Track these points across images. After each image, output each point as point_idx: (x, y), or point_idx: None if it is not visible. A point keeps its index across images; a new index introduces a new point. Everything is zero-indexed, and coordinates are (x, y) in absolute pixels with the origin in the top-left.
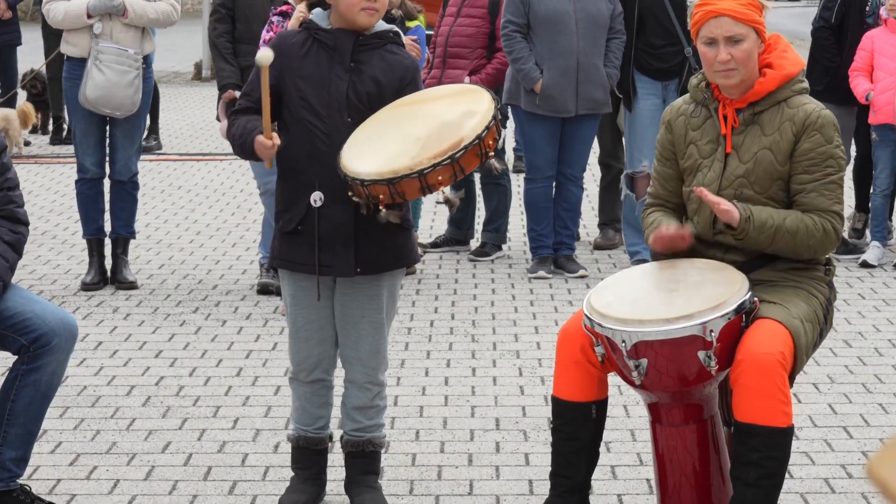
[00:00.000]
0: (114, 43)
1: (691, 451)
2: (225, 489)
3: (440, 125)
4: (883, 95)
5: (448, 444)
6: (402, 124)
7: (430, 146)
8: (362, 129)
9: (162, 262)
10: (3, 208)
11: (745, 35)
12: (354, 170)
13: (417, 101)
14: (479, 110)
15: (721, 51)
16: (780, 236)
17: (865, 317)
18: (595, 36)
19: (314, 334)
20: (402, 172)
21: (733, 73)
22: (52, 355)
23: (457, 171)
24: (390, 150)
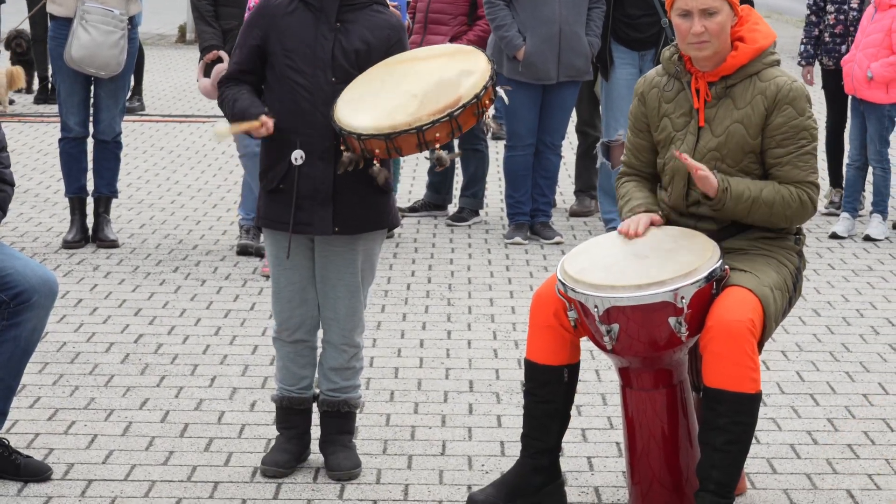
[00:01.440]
0: (99, 4)
1: (660, 416)
2: (201, 446)
3: (437, 83)
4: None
5: (422, 406)
6: (397, 81)
7: (428, 103)
8: (356, 84)
9: (143, 222)
10: None
11: (718, 8)
12: (350, 123)
13: (411, 59)
14: (477, 69)
15: (695, 23)
16: (757, 207)
17: (834, 287)
18: (577, 4)
19: (296, 295)
20: (400, 128)
21: (706, 46)
22: (31, 311)
23: (454, 128)
24: (387, 105)
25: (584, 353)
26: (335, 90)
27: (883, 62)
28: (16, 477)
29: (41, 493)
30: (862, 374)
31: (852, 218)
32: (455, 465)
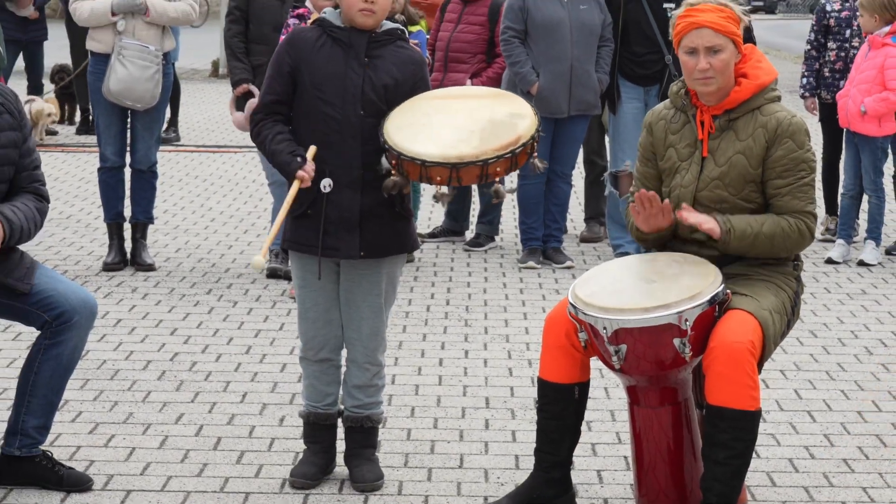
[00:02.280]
0: (136, 40)
1: (666, 432)
2: (233, 458)
3: (490, 121)
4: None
5: (441, 421)
6: (443, 116)
7: (490, 139)
8: (398, 115)
9: (178, 247)
10: (29, 186)
11: (723, 46)
12: (412, 149)
13: (448, 96)
14: (527, 114)
15: (701, 60)
16: (760, 242)
17: (830, 309)
18: (588, 43)
19: (321, 315)
20: (467, 159)
21: (711, 81)
22: (73, 331)
23: (512, 164)
24: (449, 137)
25: (593, 371)
26: (364, 123)
27: (876, 97)
28: (59, 487)
29: (82, 502)
30: (856, 393)
31: (847, 244)
32: (472, 477)
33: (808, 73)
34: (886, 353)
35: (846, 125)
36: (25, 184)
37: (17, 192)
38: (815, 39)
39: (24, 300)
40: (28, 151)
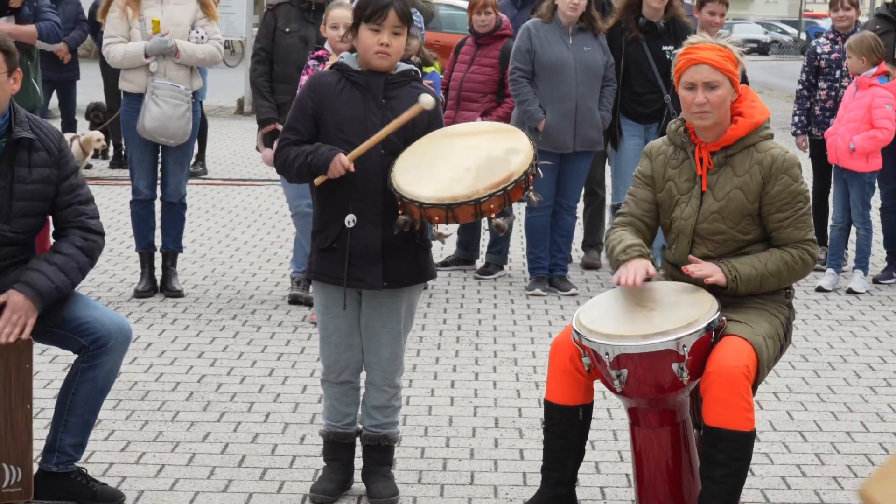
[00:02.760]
0: (167, 80)
1: (665, 451)
2: (257, 475)
3: (487, 158)
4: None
5: (453, 440)
6: (448, 154)
7: (482, 178)
8: (407, 155)
9: (206, 274)
10: (75, 220)
11: (720, 82)
12: (412, 192)
13: (454, 134)
14: (522, 149)
15: (699, 94)
16: (766, 280)
17: (820, 335)
18: (592, 83)
19: (343, 340)
20: (460, 199)
21: (708, 116)
22: (108, 355)
23: (506, 201)
24: (445, 178)
25: (596, 394)
26: (384, 161)
27: (864, 135)
28: (92, 502)
29: None
30: (846, 414)
31: (836, 273)
32: (482, 493)
33: (800, 111)
34: (874, 376)
35: (835, 161)
36: (71, 218)
37: (63, 227)
38: (806, 80)
39: (62, 326)
40: (71, 188)
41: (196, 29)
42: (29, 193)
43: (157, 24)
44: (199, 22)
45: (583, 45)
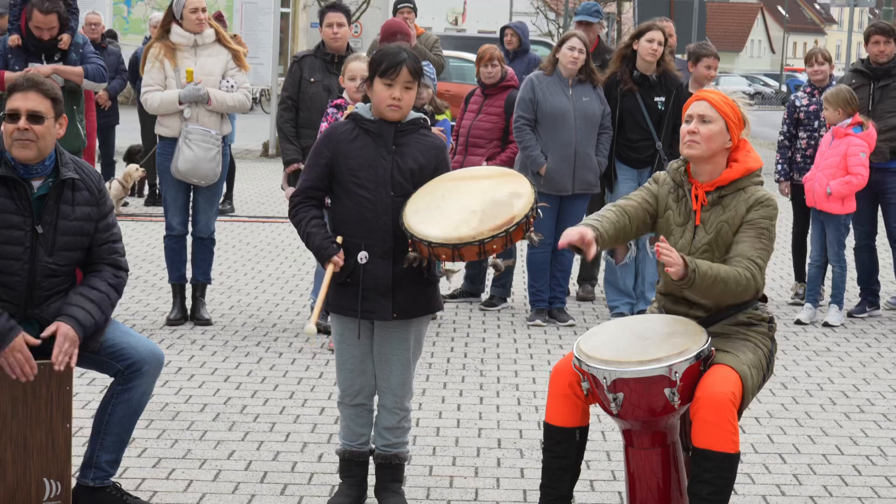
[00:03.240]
0: (200, 125)
1: (656, 471)
2: (277, 490)
3: (492, 202)
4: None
5: (458, 459)
6: (456, 197)
7: (487, 220)
8: (418, 197)
9: (232, 304)
10: (108, 257)
11: (714, 119)
12: (422, 231)
13: (462, 178)
14: (524, 193)
15: (692, 124)
16: (717, 283)
17: (799, 364)
18: (589, 131)
19: (357, 367)
20: (465, 240)
21: (695, 146)
22: (142, 378)
23: (508, 241)
24: (452, 219)
25: (592, 417)
26: (394, 202)
27: (840, 181)
28: None
29: None
30: (821, 438)
31: (814, 307)
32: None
33: (782, 160)
34: (848, 403)
35: (812, 204)
36: (105, 255)
37: (96, 262)
38: (787, 131)
39: (100, 352)
40: (107, 227)
41: (227, 78)
42: (72, 229)
43: (190, 73)
44: (230, 72)
45: (582, 96)
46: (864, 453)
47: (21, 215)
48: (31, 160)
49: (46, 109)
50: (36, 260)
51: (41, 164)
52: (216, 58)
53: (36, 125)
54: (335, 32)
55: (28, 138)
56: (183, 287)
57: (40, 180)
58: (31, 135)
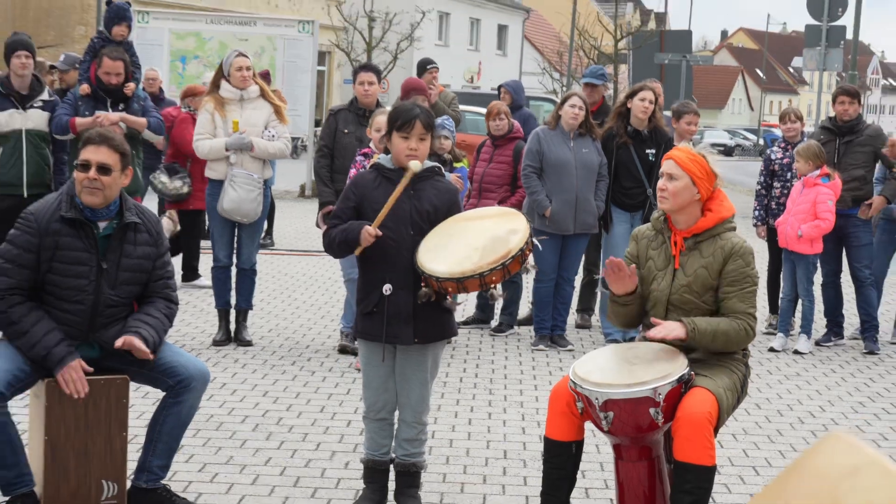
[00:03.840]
0: (244, 170)
1: (643, 481)
2: (308, 494)
3: (492, 238)
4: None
5: (469, 468)
6: (461, 236)
7: (487, 255)
8: (431, 237)
9: (271, 328)
10: (162, 291)
11: (679, 177)
12: (431, 268)
13: (469, 218)
14: (520, 229)
15: (662, 181)
16: (717, 337)
17: (772, 388)
18: (589, 178)
19: (381, 385)
20: (467, 274)
21: (664, 200)
22: (190, 393)
23: (506, 273)
24: (457, 256)
25: (587, 432)
26: (413, 240)
27: (810, 225)
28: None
29: None
30: (791, 453)
31: (785, 336)
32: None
33: (759, 207)
34: (815, 422)
35: (785, 245)
36: (159, 289)
37: (151, 294)
38: (763, 181)
39: (154, 369)
40: (163, 264)
41: (268, 129)
42: (133, 266)
43: (236, 124)
44: (272, 123)
45: (582, 148)
46: None
47: (87, 252)
48: (98, 206)
49: (114, 162)
50: (100, 292)
51: (107, 208)
52: (260, 111)
53: (104, 176)
54: (366, 90)
55: (96, 187)
56: (228, 312)
57: (106, 222)
58: (98, 184)
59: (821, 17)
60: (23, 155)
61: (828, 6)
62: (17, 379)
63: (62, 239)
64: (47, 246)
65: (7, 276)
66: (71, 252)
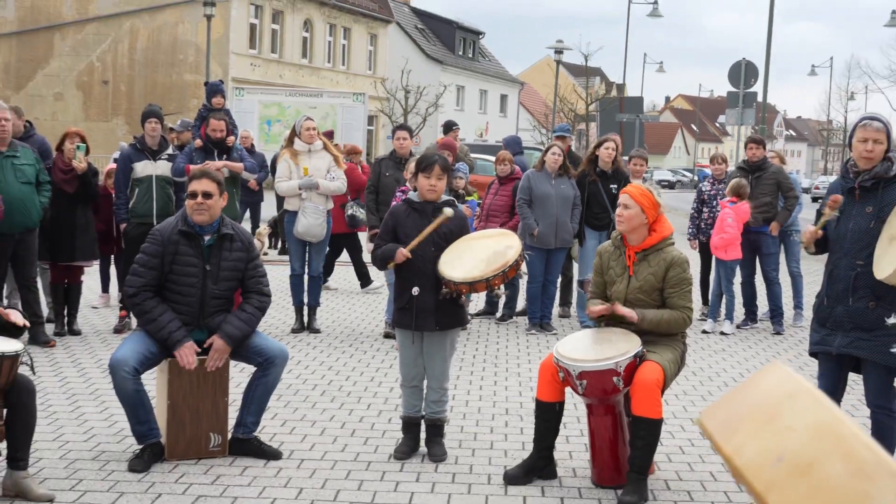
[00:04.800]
0: (312, 203)
1: (609, 430)
2: (361, 441)
3: (493, 252)
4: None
5: (480, 421)
6: (471, 251)
7: (490, 264)
8: (448, 252)
9: (334, 319)
10: (255, 287)
11: (631, 206)
12: (450, 275)
13: (477, 237)
14: (514, 245)
15: (618, 210)
16: (663, 324)
17: (704, 360)
18: (566, 207)
19: (412, 362)
20: (476, 278)
21: (621, 223)
22: (274, 368)
23: (505, 277)
24: (467, 265)
25: (567, 395)
26: (434, 255)
27: (718, 237)
28: (263, 456)
29: (275, 465)
30: None
31: (714, 321)
32: (497, 454)
33: (692, 227)
34: (737, 384)
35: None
36: (253, 286)
37: (248, 290)
38: (696, 207)
39: (247, 351)
40: (254, 266)
41: (330, 172)
42: (230, 267)
43: (306, 170)
44: (332, 169)
45: (560, 184)
46: None
47: (196, 258)
48: (205, 223)
49: (213, 189)
50: (205, 287)
51: (210, 225)
52: (323, 160)
53: (207, 200)
54: (401, 143)
55: (203, 209)
56: (301, 308)
57: (209, 235)
58: (204, 206)
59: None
60: (153, 194)
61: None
62: (147, 359)
63: (179, 247)
64: (168, 253)
65: (140, 277)
66: (184, 258)
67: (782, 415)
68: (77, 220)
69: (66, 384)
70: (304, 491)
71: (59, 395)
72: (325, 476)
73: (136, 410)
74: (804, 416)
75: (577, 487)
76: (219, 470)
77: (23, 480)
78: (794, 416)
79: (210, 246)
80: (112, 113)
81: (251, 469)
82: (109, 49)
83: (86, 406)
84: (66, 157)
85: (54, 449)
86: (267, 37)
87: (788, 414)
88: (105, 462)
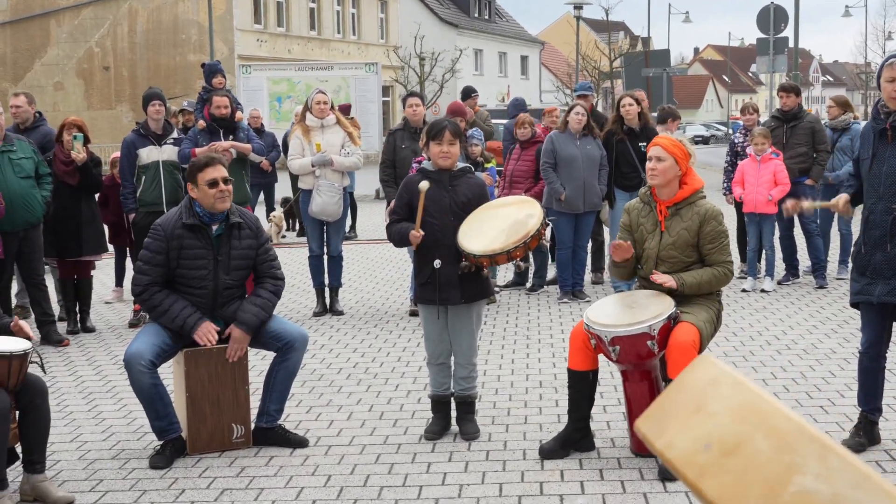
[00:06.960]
0: (327, 180)
1: (645, 395)
2: (390, 424)
3: (514, 222)
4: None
5: (513, 396)
6: (490, 221)
7: (511, 235)
8: (467, 222)
9: (357, 299)
10: (268, 271)
11: (665, 158)
12: (469, 247)
13: (496, 206)
14: (536, 213)
15: (652, 162)
16: (702, 285)
17: (745, 319)
18: (593, 169)
19: (438, 338)
20: (497, 251)
21: (654, 177)
22: (295, 352)
23: (526, 248)
24: (488, 236)
25: (601, 362)
26: (454, 226)
27: (778, 189)
28: (288, 445)
29: (301, 454)
30: (761, 368)
31: (753, 279)
32: (532, 428)
33: (727, 181)
34: (779, 344)
35: (752, 210)
36: (265, 270)
37: (260, 276)
38: (729, 161)
39: (266, 336)
40: (265, 251)
41: (344, 147)
42: (240, 255)
43: (319, 146)
44: (346, 144)
45: (586, 145)
46: (791, 377)
47: (205, 249)
48: (227, 209)
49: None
50: (217, 278)
51: (217, 215)
52: (336, 135)
53: (228, 186)
54: (414, 110)
55: (226, 196)
56: (323, 290)
57: (217, 224)
58: (227, 193)
59: (767, 31)
60: (161, 180)
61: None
62: (162, 350)
63: (184, 241)
64: (173, 248)
65: (146, 275)
66: (192, 250)
67: (707, 403)
68: (82, 214)
69: (81, 383)
70: (333, 478)
71: (74, 394)
72: (353, 462)
73: (155, 405)
74: (727, 399)
75: (617, 458)
76: (243, 462)
77: (41, 484)
78: (717, 401)
79: (219, 236)
80: (115, 100)
81: (277, 458)
82: (108, 33)
83: (103, 404)
84: (66, 149)
85: (73, 450)
86: (272, 10)
87: (712, 401)
88: (125, 460)
